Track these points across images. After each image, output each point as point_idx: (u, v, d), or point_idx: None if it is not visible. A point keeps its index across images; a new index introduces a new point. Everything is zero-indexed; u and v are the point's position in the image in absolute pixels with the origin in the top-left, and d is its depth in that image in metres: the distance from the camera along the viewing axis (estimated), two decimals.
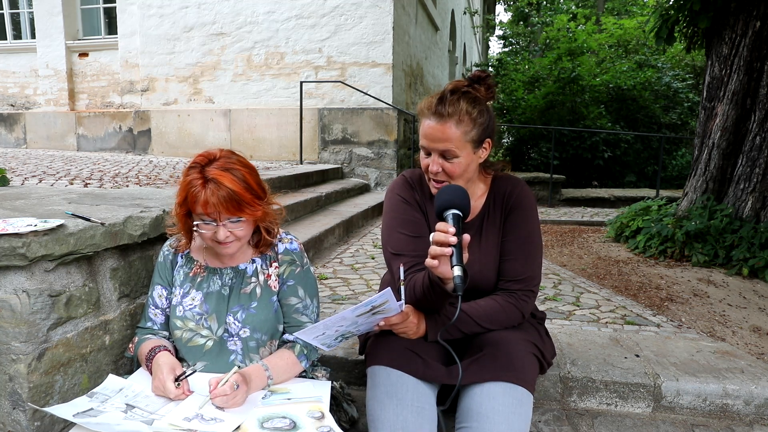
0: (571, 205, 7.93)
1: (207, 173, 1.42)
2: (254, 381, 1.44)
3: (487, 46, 28.68)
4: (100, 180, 4.05)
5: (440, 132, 1.49)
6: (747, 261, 3.66)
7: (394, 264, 1.61)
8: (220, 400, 1.34)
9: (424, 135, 1.53)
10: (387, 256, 1.68)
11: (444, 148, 1.50)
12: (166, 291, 1.64)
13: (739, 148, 4.18)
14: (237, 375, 1.38)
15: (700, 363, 2.14)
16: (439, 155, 1.52)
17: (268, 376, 1.49)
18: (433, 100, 1.53)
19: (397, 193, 1.70)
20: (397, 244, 1.63)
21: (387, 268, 1.78)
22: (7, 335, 1.42)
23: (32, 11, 9.03)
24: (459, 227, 1.32)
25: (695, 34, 4.60)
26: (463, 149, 1.51)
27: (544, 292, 3.20)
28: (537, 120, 10.06)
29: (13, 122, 9.33)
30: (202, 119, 8.11)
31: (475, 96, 1.53)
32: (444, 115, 1.49)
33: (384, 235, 1.69)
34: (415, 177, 1.72)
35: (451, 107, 1.49)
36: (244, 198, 1.43)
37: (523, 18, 19.25)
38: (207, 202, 1.41)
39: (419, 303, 1.52)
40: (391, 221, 1.67)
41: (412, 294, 1.53)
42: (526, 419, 1.42)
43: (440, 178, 1.54)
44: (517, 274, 1.60)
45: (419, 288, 1.49)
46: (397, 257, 1.61)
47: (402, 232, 1.63)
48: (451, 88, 1.54)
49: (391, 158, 7.42)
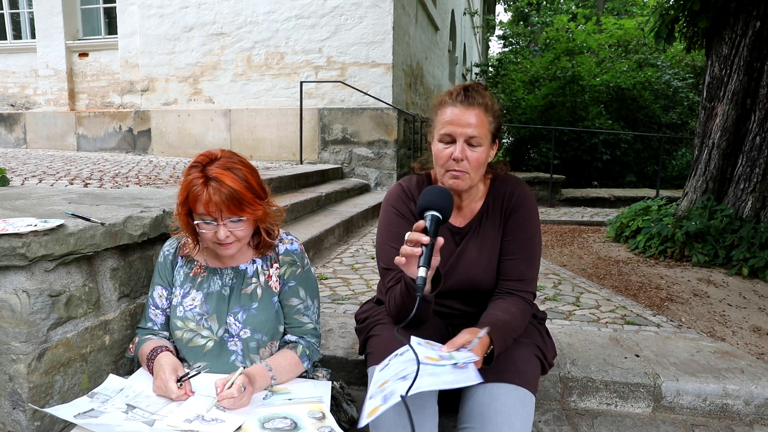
0: (571, 205, 7.93)
1: (208, 172, 1.42)
2: (258, 381, 1.44)
3: (487, 46, 28.67)
4: (100, 180, 4.05)
5: (468, 116, 1.49)
6: (747, 261, 3.66)
7: (383, 279, 1.62)
8: (227, 402, 1.34)
9: (448, 122, 1.50)
10: (379, 268, 1.69)
11: (471, 133, 1.48)
12: (166, 291, 1.63)
13: (739, 148, 4.18)
14: (243, 376, 1.38)
15: (700, 363, 2.14)
16: (465, 141, 1.49)
17: (272, 377, 1.49)
18: (456, 90, 1.54)
19: (392, 205, 1.67)
20: (386, 258, 1.61)
21: (380, 279, 1.77)
22: (7, 335, 1.42)
23: (32, 11, 9.03)
24: (435, 229, 1.32)
25: (695, 34, 4.60)
26: (485, 139, 1.51)
27: (544, 292, 3.20)
28: (537, 120, 10.06)
29: (13, 122, 9.33)
30: (202, 119, 8.11)
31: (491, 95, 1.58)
32: (472, 102, 1.50)
33: (377, 247, 1.69)
34: (412, 185, 1.69)
35: (479, 96, 1.51)
36: (245, 197, 1.43)
37: (523, 18, 19.26)
38: (208, 200, 1.41)
39: (399, 312, 1.51)
40: (383, 233, 1.67)
41: (392, 302, 1.54)
42: (528, 420, 1.42)
43: (461, 168, 1.50)
44: (520, 275, 1.60)
45: (398, 296, 1.49)
46: (387, 272, 1.61)
47: (394, 246, 1.60)
48: (470, 84, 1.57)
49: (391, 158, 7.42)
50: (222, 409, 1.35)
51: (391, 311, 1.55)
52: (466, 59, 18.65)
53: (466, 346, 1.35)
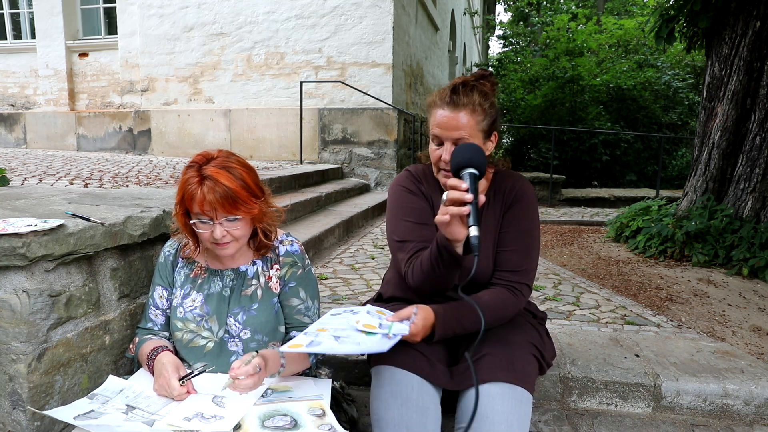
0: (571, 205, 7.93)
1: (204, 171, 1.42)
2: (270, 364, 1.44)
3: (487, 46, 28.68)
4: (100, 180, 4.05)
5: (454, 120, 1.52)
6: (747, 261, 3.66)
7: (400, 253, 1.61)
8: (242, 379, 1.34)
9: (437, 124, 1.55)
10: (392, 245, 1.67)
11: (458, 136, 1.52)
12: (166, 292, 1.63)
13: (739, 148, 4.18)
14: (259, 357, 1.38)
15: (700, 363, 2.14)
16: (452, 144, 1.53)
17: (282, 363, 1.49)
18: (445, 91, 1.57)
19: (401, 184, 1.72)
20: (402, 231, 1.63)
21: (392, 259, 1.77)
22: (7, 335, 1.42)
23: (32, 11, 9.03)
24: (475, 187, 1.32)
25: (695, 34, 4.60)
26: (475, 138, 1.54)
27: (544, 292, 3.20)
28: (537, 120, 10.06)
29: (13, 122, 9.33)
30: (202, 119, 8.11)
31: (484, 90, 1.58)
32: (458, 104, 1.53)
33: (389, 225, 1.70)
34: (419, 171, 1.74)
35: (465, 97, 1.54)
36: (239, 195, 1.43)
37: (523, 18, 19.25)
38: (203, 199, 1.41)
39: (426, 279, 1.51)
40: (396, 211, 1.68)
41: (418, 269, 1.52)
42: (526, 419, 1.42)
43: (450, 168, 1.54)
44: (515, 266, 1.60)
45: (426, 260, 1.48)
46: (403, 244, 1.61)
47: (407, 219, 1.64)
48: (462, 81, 1.58)
49: (391, 158, 7.42)
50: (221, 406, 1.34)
51: (416, 279, 1.54)
52: (466, 59, 18.66)
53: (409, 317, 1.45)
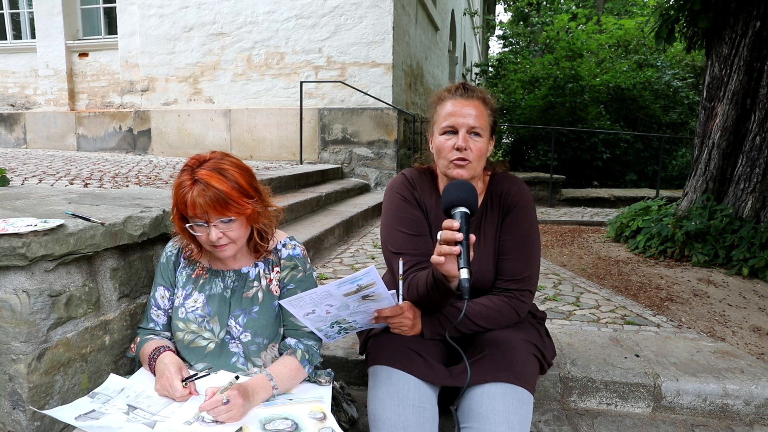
0: (571, 205, 7.93)
1: (195, 175, 1.41)
2: (258, 393, 1.40)
3: (487, 46, 28.66)
4: (100, 180, 4.05)
5: (468, 107, 1.55)
6: (747, 261, 3.66)
7: (395, 262, 1.61)
8: (213, 412, 1.29)
9: (450, 113, 1.56)
10: (387, 254, 1.68)
11: (473, 123, 1.54)
12: (168, 292, 1.63)
13: (739, 148, 4.18)
14: (233, 390, 1.32)
15: (700, 363, 2.14)
16: (467, 131, 1.54)
17: (273, 386, 1.45)
18: (453, 86, 1.62)
19: (397, 191, 1.71)
20: (396, 242, 1.64)
21: (387, 267, 1.78)
22: (7, 335, 1.42)
23: (32, 11, 9.03)
24: (467, 226, 1.32)
25: (695, 34, 4.60)
26: (485, 131, 1.57)
27: (544, 292, 3.20)
28: (536, 120, 10.06)
29: (13, 122, 9.33)
30: (202, 119, 8.10)
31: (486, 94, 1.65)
32: (470, 95, 1.57)
33: (383, 233, 1.70)
34: (414, 175, 1.73)
35: (477, 90, 1.59)
36: (231, 196, 1.41)
37: (523, 18, 19.22)
38: (194, 203, 1.40)
39: (421, 301, 1.52)
40: (391, 220, 1.68)
41: (414, 291, 1.53)
42: (527, 419, 1.42)
43: (465, 156, 1.54)
44: (516, 274, 1.60)
45: (422, 286, 1.49)
46: (397, 256, 1.61)
47: (402, 230, 1.64)
48: (465, 82, 1.66)
49: (391, 158, 7.42)
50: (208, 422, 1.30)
51: (411, 297, 1.55)
52: (466, 59, 18.66)
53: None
